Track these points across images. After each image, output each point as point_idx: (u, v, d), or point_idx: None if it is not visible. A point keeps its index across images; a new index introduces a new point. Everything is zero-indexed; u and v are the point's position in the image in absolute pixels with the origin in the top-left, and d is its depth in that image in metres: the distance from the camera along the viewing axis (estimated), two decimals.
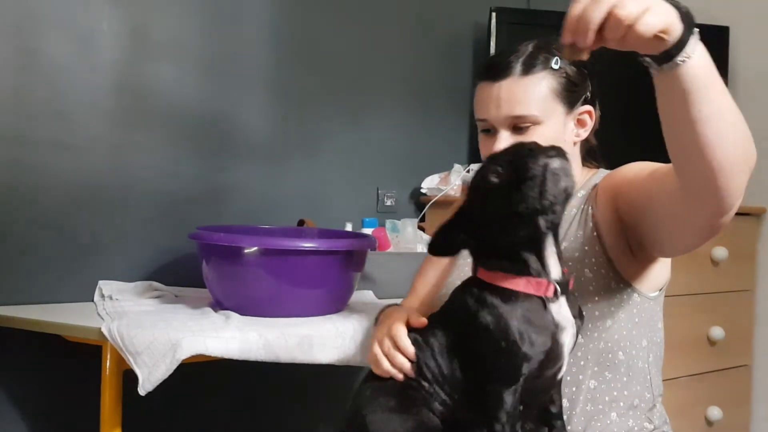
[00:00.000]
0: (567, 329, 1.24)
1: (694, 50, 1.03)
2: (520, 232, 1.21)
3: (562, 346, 1.24)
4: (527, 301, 1.22)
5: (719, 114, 1.07)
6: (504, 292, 1.22)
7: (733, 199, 1.15)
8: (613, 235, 1.39)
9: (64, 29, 2.06)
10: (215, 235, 1.88)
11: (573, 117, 1.45)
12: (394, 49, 2.69)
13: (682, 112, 1.06)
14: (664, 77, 1.05)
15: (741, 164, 1.12)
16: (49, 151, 2.04)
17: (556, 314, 1.23)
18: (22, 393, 2.01)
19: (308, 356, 1.74)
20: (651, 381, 1.46)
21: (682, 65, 1.03)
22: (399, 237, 2.39)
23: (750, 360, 3.03)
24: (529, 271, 1.22)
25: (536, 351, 1.20)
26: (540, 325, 1.21)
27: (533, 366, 1.21)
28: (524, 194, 1.17)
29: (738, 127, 1.10)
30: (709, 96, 1.06)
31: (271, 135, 2.44)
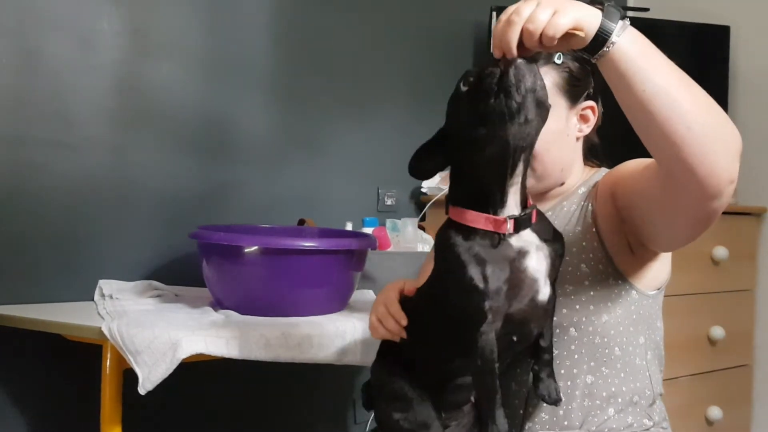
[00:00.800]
0: (530, 253, 1.23)
1: (620, 36, 1.11)
2: (487, 148, 1.18)
3: (526, 271, 1.22)
4: (486, 237, 1.22)
5: (665, 90, 1.12)
6: (465, 230, 1.23)
7: (716, 179, 1.14)
8: (613, 232, 1.39)
9: (65, 29, 2.06)
10: (215, 235, 1.88)
11: (576, 112, 1.46)
12: (395, 49, 2.68)
13: (627, 95, 1.14)
14: (602, 66, 1.14)
15: (710, 139, 1.12)
16: (49, 150, 2.04)
17: (515, 242, 1.22)
18: (23, 392, 2.01)
19: (309, 356, 1.74)
20: (651, 378, 1.46)
21: (611, 50, 1.12)
22: (399, 236, 2.39)
23: (750, 360, 3.03)
24: (488, 206, 1.22)
25: (494, 285, 1.20)
26: (497, 258, 1.21)
27: (499, 300, 1.20)
28: (485, 91, 1.15)
29: (696, 101, 1.14)
30: (648, 75, 1.12)
31: (271, 134, 2.44)
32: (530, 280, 1.24)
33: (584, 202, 1.44)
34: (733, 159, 1.14)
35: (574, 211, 1.44)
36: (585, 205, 1.43)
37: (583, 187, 1.47)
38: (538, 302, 1.26)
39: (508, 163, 1.20)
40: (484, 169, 1.21)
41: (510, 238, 1.22)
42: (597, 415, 1.41)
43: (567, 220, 1.43)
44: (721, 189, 1.15)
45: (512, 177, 1.21)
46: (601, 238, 1.39)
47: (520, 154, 1.20)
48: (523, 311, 1.25)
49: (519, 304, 1.24)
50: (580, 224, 1.42)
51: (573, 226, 1.42)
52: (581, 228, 1.41)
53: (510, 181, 1.21)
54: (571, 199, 1.46)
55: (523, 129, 1.16)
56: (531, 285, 1.24)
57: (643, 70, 1.12)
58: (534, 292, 1.25)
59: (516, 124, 1.15)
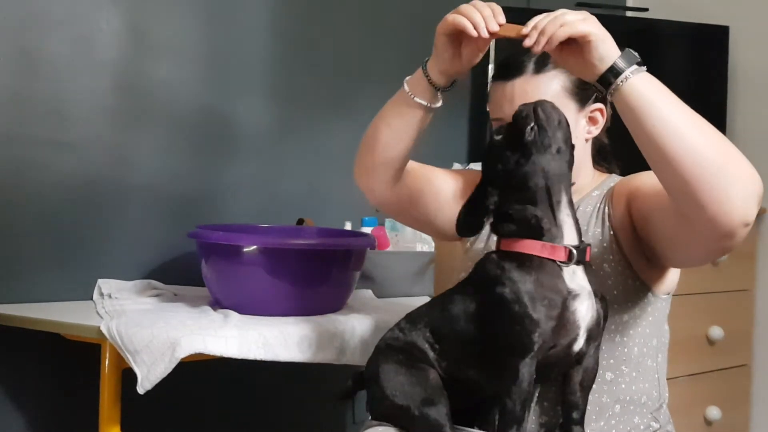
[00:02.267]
0: (582, 297, 1.25)
1: (635, 74, 1.19)
2: (530, 180, 1.26)
3: (575, 314, 1.25)
4: (541, 266, 1.25)
5: (676, 127, 1.17)
6: (520, 258, 1.26)
7: (727, 219, 1.16)
8: (629, 240, 1.41)
9: (64, 28, 2.06)
10: (214, 234, 1.88)
11: (585, 114, 1.47)
12: (393, 48, 2.68)
13: (639, 130, 1.19)
14: (617, 101, 1.21)
15: (722, 178, 1.14)
16: (48, 149, 2.03)
17: (569, 280, 1.25)
18: (22, 392, 2.01)
19: (307, 355, 1.74)
20: (659, 381, 1.48)
21: (624, 85, 1.19)
22: (398, 236, 2.39)
23: (749, 360, 3.03)
24: (543, 234, 1.26)
25: (546, 317, 1.22)
26: (551, 290, 1.24)
27: (546, 334, 1.22)
28: (520, 129, 1.25)
29: (708, 140, 1.17)
30: (661, 112, 1.18)
31: (270, 134, 2.44)
32: (576, 325, 1.26)
33: (600, 204, 1.46)
34: (747, 201, 1.16)
35: (591, 213, 1.45)
36: (601, 207, 1.45)
37: (596, 190, 1.49)
38: (571, 350, 1.28)
39: (552, 191, 1.26)
40: (532, 201, 1.27)
41: (565, 273, 1.26)
42: (607, 412, 1.42)
43: (586, 221, 1.44)
44: (732, 230, 1.17)
45: (560, 207, 1.27)
46: (618, 243, 1.41)
47: (560, 182, 1.27)
48: (555, 355, 1.26)
49: (557, 347, 1.26)
50: (599, 226, 1.44)
51: (592, 227, 1.44)
52: (600, 230, 1.43)
53: (560, 212, 1.27)
54: (586, 201, 1.48)
55: (557, 159, 1.26)
56: (575, 331, 1.26)
57: (655, 107, 1.18)
58: (573, 340, 1.27)
59: (551, 153, 1.26)
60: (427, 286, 2.33)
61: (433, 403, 1.33)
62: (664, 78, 1.26)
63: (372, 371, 1.40)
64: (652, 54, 1.34)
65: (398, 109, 1.42)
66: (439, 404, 1.33)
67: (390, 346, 1.41)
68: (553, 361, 1.27)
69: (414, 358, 1.37)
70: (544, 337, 1.22)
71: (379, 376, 1.38)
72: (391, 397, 1.35)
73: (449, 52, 1.33)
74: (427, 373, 1.35)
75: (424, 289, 2.31)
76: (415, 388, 1.34)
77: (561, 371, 1.32)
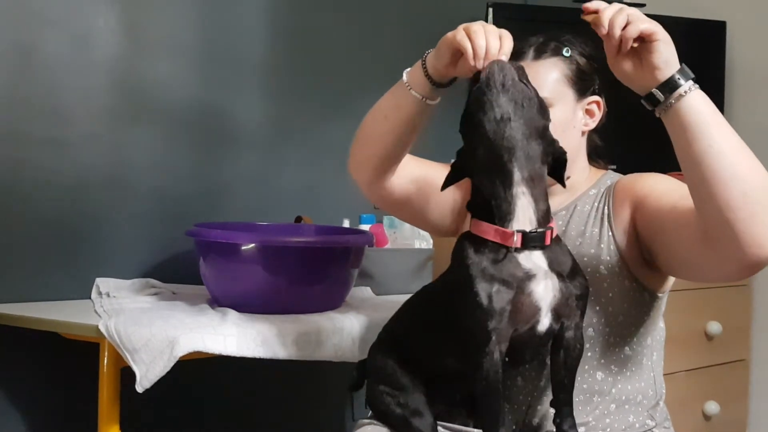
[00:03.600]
0: (538, 278, 1.23)
1: (690, 90, 1.15)
2: (470, 145, 1.21)
3: (531, 295, 1.22)
4: (495, 251, 1.22)
5: (728, 151, 1.14)
6: (477, 241, 1.24)
7: (757, 250, 1.14)
8: (628, 241, 1.40)
9: (61, 26, 2.05)
10: (213, 232, 1.88)
11: (582, 106, 1.47)
12: (390, 44, 2.68)
13: (690, 148, 1.15)
14: (670, 116, 1.17)
15: (762, 209, 1.13)
16: (45, 147, 2.03)
17: (524, 261, 1.22)
18: (20, 391, 2.01)
19: (306, 353, 1.74)
20: (655, 379, 1.48)
21: (683, 100, 1.15)
22: (396, 233, 2.39)
23: (747, 355, 3.03)
24: (494, 215, 1.22)
25: (499, 306, 1.20)
26: (505, 275, 1.21)
27: (502, 321, 1.20)
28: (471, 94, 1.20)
29: (755, 170, 1.15)
30: (715, 133, 1.14)
31: (267, 131, 2.44)
32: (533, 305, 1.24)
33: (597, 203, 1.45)
34: None
35: (588, 212, 1.44)
36: (599, 207, 1.44)
37: (593, 189, 1.47)
38: (536, 332, 1.26)
39: (498, 167, 1.19)
40: (480, 175, 1.23)
41: (519, 255, 1.22)
42: (601, 412, 1.42)
43: (583, 221, 1.43)
44: (760, 261, 1.16)
45: (512, 185, 1.20)
46: (617, 243, 1.40)
47: (509, 156, 1.18)
48: (518, 338, 1.25)
49: (518, 330, 1.24)
50: (597, 226, 1.43)
51: (590, 227, 1.43)
52: (598, 230, 1.42)
53: (512, 190, 1.20)
54: (583, 200, 1.46)
55: (502, 127, 1.17)
56: (532, 312, 1.24)
57: (711, 126, 1.15)
58: (534, 321, 1.25)
59: (492, 121, 1.17)
60: (426, 283, 2.32)
61: (420, 414, 1.35)
62: None
63: (371, 365, 1.43)
64: None
65: (395, 101, 1.41)
66: (425, 415, 1.35)
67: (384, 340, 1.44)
68: (519, 343, 1.25)
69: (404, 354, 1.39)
70: (501, 326, 1.21)
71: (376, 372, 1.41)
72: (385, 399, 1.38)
73: (447, 59, 1.32)
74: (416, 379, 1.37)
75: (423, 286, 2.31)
76: (405, 397, 1.36)
77: (534, 353, 1.31)
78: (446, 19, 2.83)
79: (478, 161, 1.21)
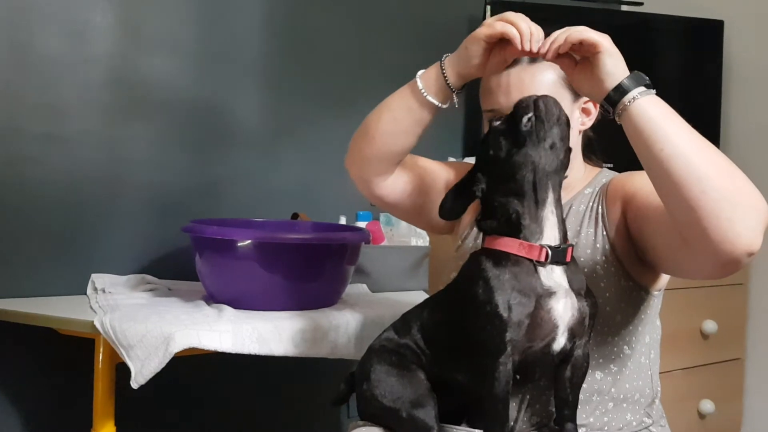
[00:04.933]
0: (558, 295, 1.24)
1: (642, 96, 1.18)
2: (518, 172, 1.24)
3: (551, 312, 1.23)
4: (517, 264, 1.24)
5: (683, 152, 1.15)
6: (497, 256, 1.25)
7: (729, 247, 1.13)
8: (622, 240, 1.40)
9: (57, 22, 2.05)
10: (208, 228, 1.87)
11: (578, 105, 1.47)
12: (388, 42, 2.68)
13: (645, 153, 1.18)
14: (624, 123, 1.20)
15: (727, 205, 1.13)
16: (41, 143, 2.03)
17: (545, 278, 1.24)
18: (15, 386, 2.01)
19: (302, 350, 1.74)
20: (652, 377, 1.48)
21: (632, 107, 1.18)
22: (393, 230, 2.39)
23: (743, 353, 3.04)
24: (521, 231, 1.25)
25: (519, 317, 1.21)
26: (525, 289, 1.22)
27: (519, 334, 1.21)
28: (518, 118, 1.24)
29: (715, 167, 1.15)
30: (667, 136, 1.16)
31: (264, 128, 2.44)
32: (552, 323, 1.24)
33: (592, 203, 1.45)
34: (753, 231, 1.13)
35: (583, 212, 1.45)
36: (594, 206, 1.44)
37: (588, 188, 1.48)
38: (551, 350, 1.27)
39: (538, 187, 1.25)
40: (517, 194, 1.25)
41: (541, 271, 1.24)
42: (600, 411, 1.42)
43: (579, 221, 1.44)
44: (735, 258, 1.15)
45: (545, 205, 1.25)
46: (611, 242, 1.41)
47: (548, 179, 1.25)
48: (533, 354, 1.25)
49: (533, 347, 1.25)
50: (591, 226, 1.43)
51: (585, 227, 1.43)
52: (593, 230, 1.42)
53: (544, 210, 1.25)
54: (579, 200, 1.47)
55: (550, 154, 1.24)
56: (551, 330, 1.25)
57: (662, 130, 1.16)
58: (551, 339, 1.25)
59: (544, 148, 1.24)
60: (422, 280, 2.33)
61: (422, 405, 1.33)
62: (659, 72, 1.25)
63: (364, 371, 1.40)
64: (647, 48, 1.34)
65: (407, 104, 1.42)
66: (427, 406, 1.33)
67: (384, 348, 1.41)
68: (532, 360, 1.26)
69: (406, 360, 1.37)
70: (518, 338, 1.21)
71: (371, 376, 1.38)
72: (380, 398, 1.36)
73: (479, 59, 1.34)
74: (417, 375, 1.36)
75: (419, 284, 2.31)
76: (405, 390, 1.34)
77: (544, 371, 1.32)
78: (445, 18, 2.86)
79: (516, 184, 1.25)
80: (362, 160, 1.48)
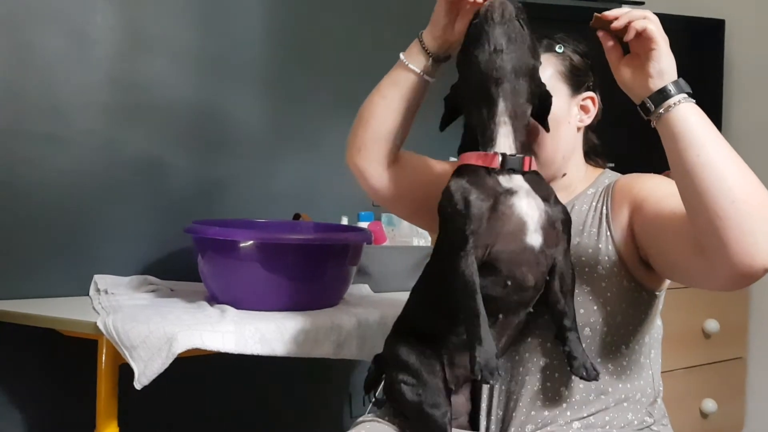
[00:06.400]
0: (519, 194, 1.27)
1: (681, 102, 1.20)
2: (464, 73, 1.29)
3: (512, 208, 1.26)
4: (474, 172, 1.29)
5: (718, 162, 1.17)
6: (459, 170, 1.31)
7: (749, 261, 1.14)
8: (626, 241, 1.40)
9: (58, 23, 2.05)
10: (211, 229, 1.88)
11: (577, 102, 1.47)
12: (388, 42, 2.67)
13: (680, 158, 1.19)
14: (661, 126, 1.21)
15: (752, 220, 1.14)
16: (43, 144, 2.03)
17: (504, 182, 1.28)
18: (18, 388, 2.01)
19: (304, 350, 1.74)
20: (653, 377, 1.48)
21: (673, 110, 1.19)
22: (395, 231, 2.39)
23: (744, 352, 3.04)
24: (478, 144, 1.30)
25: (477, 209, 1.24)
26: (481, 186, 1.27)
27: (480, 225, 1.24)
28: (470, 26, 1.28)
29: (746, 181, 1.17)
30: (705, 144, 1.18)
31: (266, 128, 2.44)
32: (517, 218, 1.27)
33: (596, 203, 1.45)
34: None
35: (586, 212, 1.45)
36: (597, 206, 1.44)
37: (592, 189, 1.48)
38: (526, 246, 1.28)
39: (486, 96, 1.27)
40: (470, 105, 1.30)
41: (499, 176, 1.28)
42: (601, 410, 1.42)
43: (582, 220, 1.44)
44: (752, 272, 1.16)
45: (496, 114, 1.28)
46: (615, 243, 1.41)
47: (496, 87, 1.26)
48: (511, 252, 1.27)
49: (506, 244, 1.26)
50: (595, 226, 1.43)
51: (588, 227, 1.43)
52: (596, 230, 1.43)
53: (495, 118, 1.28)
54: (582, 200, 1.47)
55: (494, 58, 1.25)
56: (518, 225, 1.27)
57: (701, 137, 1.18)
58: (522, 234, 1.27)
59: (486, 52, 1.25)
60: None
61: (438, 406, 1.34)
62: None
63: (388, 354, 1.43)
64: None
65: (393, 78, 1.46)
66: (442, 406, 1.35)
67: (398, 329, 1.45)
68: (513, 258, 1.27)
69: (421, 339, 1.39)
70: (479, 230, 1.24)
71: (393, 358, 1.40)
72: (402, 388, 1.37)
73: (445, 20, 1.38)
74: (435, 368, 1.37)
75: None
76: (423, 387, 1.35)
77: (537, 277, 1.30)
78: None
79: (469, 91, 1.29)
80: (360, 147, 1.50)
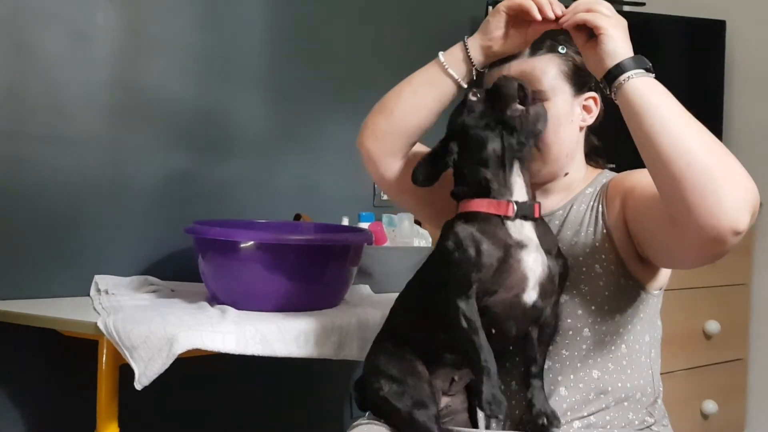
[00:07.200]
0: (529, 249, 1.30)
1: (639, 76, 1.23)
2: (489, 145, 1.32)
3: (521, 263, 1.29)
4: (486, 220, 1.31)
5: (673, 129, 1.19)
6: (468, 215, 1.32)
7: (714, 223, 1.15)
8: (623, 238, 1.41)
9: (60, 23, 2.05)
10: (211, 230, 1.88)
11: (579, 102, 1.47)
12: (390, 43, 2.68)
13: (637, 129, 1.23)
14: (619, 100, 1.25)
15: (713, 180, 1.14)
16: (44, 145, 2.03)
17: (515, 233, 1.30)
18: (18, 388, 2.01)
19: (305, 351, 1.74)
20: (653, 376, 1.48)
21: (626, 84, 1.23)
22: (395, 231, 2.39)
23: (745, 354, 3.04)
24: (490, 192, 1.32)
25: (488, 259, 1.27)
26: (493, 236, 1.29)
27: (487, 274, 1.26)
28: (506, 101, 1.33)
29: (703, 144, 1.18)
30: (659, 113, 1.20)
31: (266, 129, 2.44)
32: (521, 273, 1.29)
33: (593, 203, 1.46)
34: (738, 209, 1.15)
35: (584, 212, 1.45)
36: (594, 206, 1.45)
37: (590, 188, 1.48)
38: (521, 301, 1.30)
39: (506, 158, 1.33)
40: (486, 164, 1.33)
41: (510, 226, 1.30)
42: (601, 409, 1.42)
43: (579, 220, 1.45)
44: (720, 236, 1.16)
45: (512, 171, 1.33)
46: (612, 241, 1.41)
47: (514, 154, 1.34)
48: (504, 304, 1.29)
49: (503, 295, 1.28)
50: (591, 225, 1.44)
51: (585, 227, 1.44)
52: (593, 229, 1.43)
53: (511, 175, 1.33)
54: (580, 199, 1.47)
55: (517, 145, 1.33)
56: (520, 279, 1.29)
57: (653, 107, 1.21)
58: (520, 290, 1.29)
59: (516, 139, 1.33)
60: None
61: (424, 406, 1.35)
62: (661, 72, 1.26)
63: (369, 365, 1.43)
64: (649, 48, 1.34)
65: (429, 78, 1.46)
66: (429, 407, 1.35)
67: (380, 339, 1.46)
68: (504, 311, 1.29)
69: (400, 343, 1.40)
70: (485, 279, 1.26)
71: (373, 371, 1.41)
72: (386, 395, 1.38)
73: (501, 30, 1.39)
74: (417, 370, 1.37)
75: None
76: (407, 389, 1.36)
77: (521, 329, 1.34)
78: (447, 19, 2.86)
79: (486, 155, 1.33)
80: (377, 135, 1.50)
